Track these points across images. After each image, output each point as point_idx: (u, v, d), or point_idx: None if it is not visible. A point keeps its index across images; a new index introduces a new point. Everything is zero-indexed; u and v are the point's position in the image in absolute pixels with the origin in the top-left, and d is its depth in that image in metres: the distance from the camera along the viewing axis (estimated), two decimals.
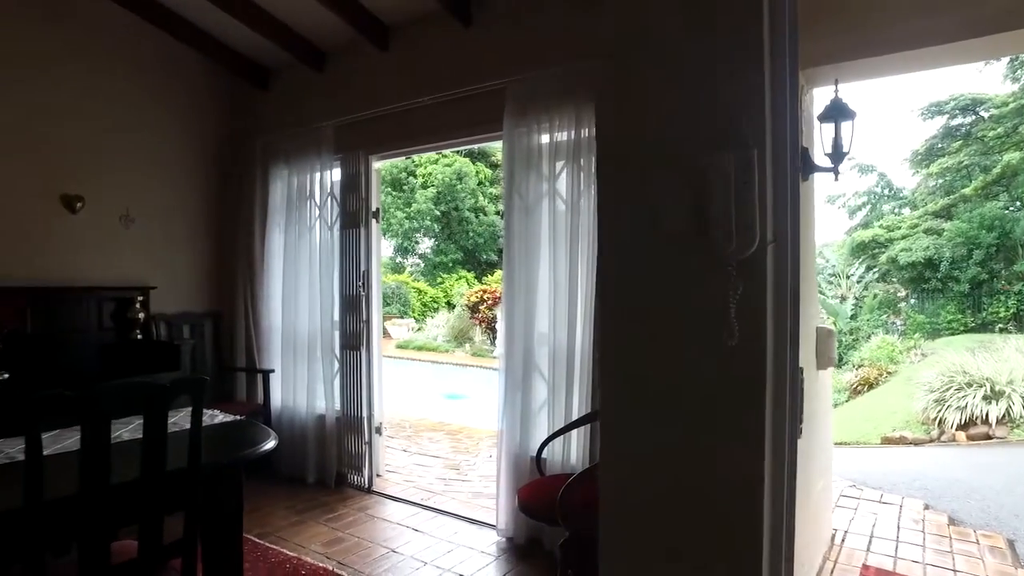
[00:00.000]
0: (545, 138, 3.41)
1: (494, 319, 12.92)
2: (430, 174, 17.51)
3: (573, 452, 3.28)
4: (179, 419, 2.35)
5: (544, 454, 3.08)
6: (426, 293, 16.40)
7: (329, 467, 4.42)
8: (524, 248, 3.45)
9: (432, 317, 15.15)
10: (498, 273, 16.12)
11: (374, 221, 4.34)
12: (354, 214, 4.29)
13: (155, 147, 4.61)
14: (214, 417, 2.64)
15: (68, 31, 4.12)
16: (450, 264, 17.66)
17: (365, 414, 4.31)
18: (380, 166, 4.53)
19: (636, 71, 1.56)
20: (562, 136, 3.34)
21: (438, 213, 17.54)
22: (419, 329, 14.67)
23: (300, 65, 4.57)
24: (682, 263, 1.46)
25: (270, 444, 2.28)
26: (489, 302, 13.20)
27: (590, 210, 3.23)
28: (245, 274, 4.82)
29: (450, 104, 3.90)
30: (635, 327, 1.52)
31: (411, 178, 17.43)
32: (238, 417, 2.75)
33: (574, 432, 3.25)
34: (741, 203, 1.38)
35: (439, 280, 17.28)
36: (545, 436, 3.33)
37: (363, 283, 4.27)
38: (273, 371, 4.66)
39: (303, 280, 4.51)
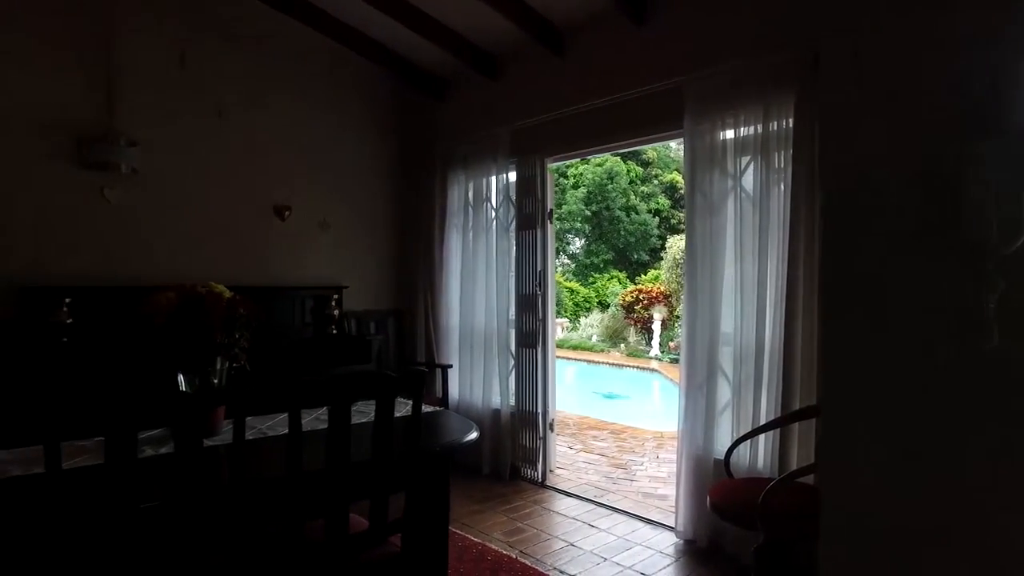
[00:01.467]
0: (729, 134, 3.31)
1: (650, 319, 12.70)
2: (580, 174, 17.58)
3: (761, 455, 3.16)
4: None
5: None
6: (578, 293, 16.48)
7: (503, 460, 4.59)
8: (707, 247, 3.38)
9: (585, 316, 15.19)
10: (652, 272, 15.83)
11: (549, 222, 4.46)
12: (530, 216, 4.44)
13: (347, 159, 5.06)
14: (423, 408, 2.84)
15: (280, 63, 4.65)
16: (601, 264, 17.62)
17: (539, 410, 4.44)
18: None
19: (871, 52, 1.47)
20: (748, 131, 3.23)
21: (589, 213, 17.56)
22: (573, 328, 14.77)
23: (475, 75, 4.80)
24: (925, 259, 1.37)
25: (473, 435, 2.42)
26: (645, 302, 13.00)
27: (781, 206, 3.09)
28: (425, 274, 5.15)
29: (625, 104, 3.91)
30: (867, 329, 1.45)
31: (562, 179, 17.62)
32: (437, 408, 2.95)
33: (761, 435, 3.13)
34: (1003, 194, 1.26)
35: (591, 280, 17.30)
36: (728, 438, 3.24)
37: (539, 283, 4.41)
38: (451, 366, 4.93)
39: (480, 280, 4.73)
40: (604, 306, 15.65)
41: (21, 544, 1.52)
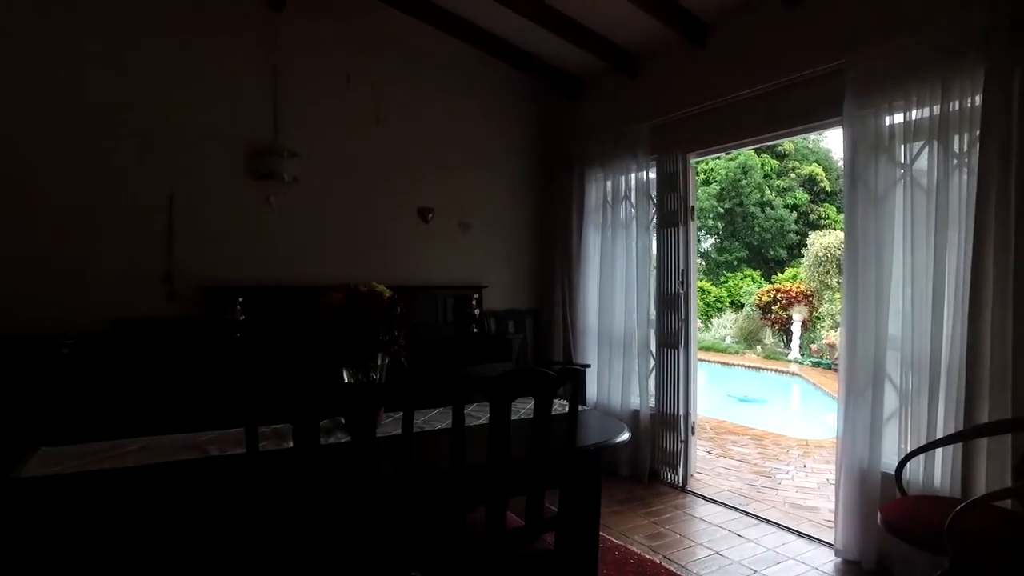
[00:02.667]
0: (898, 117, 3.04)
1: (788, 320, 12.00)
2: (712, 170, 16.93)
3: (938, 472, 2.86)
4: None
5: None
6: (710, 292, 15.89)
7: (642, 462, 4.51)
8: (871, 242, 3.12)
9: (717, 317, 14.62)
10: (790, 270, 14.94)
11: (691, 219, 4.32)
12: (671, 213, 4.33)
13: (487, 161, 5.19)
14: (565, 406, 2.85)
15: (429, 72, 4.86)
16: (734, 263, 16.87)
17: (681, 412, 4.32)
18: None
19: None
20: (922, 112, 2.94)
21: (721, 210, 16.88)
22: (704, 329, 14.27)
23: (613, 72, 4.75)
24: None
25: (624, 436, 2.39)
26: (783, 302, 12.29)
27: (962, 194, 2.79)
28: (563, 273, 5.17)
29: (775, 94, 3.71)
30: None
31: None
32: (584, 408, 2.94)
33: (938, 450, 2.84)
34: None
35: (723, 279, 16.61)
36: (894, 450, 2.99)
37: (681, 282, 4.29)
38: (589, 366, 4.90)
39: (618, 279, 4.68)
40: (738, 306, 14.97)
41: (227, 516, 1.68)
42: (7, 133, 3.55)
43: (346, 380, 2.34)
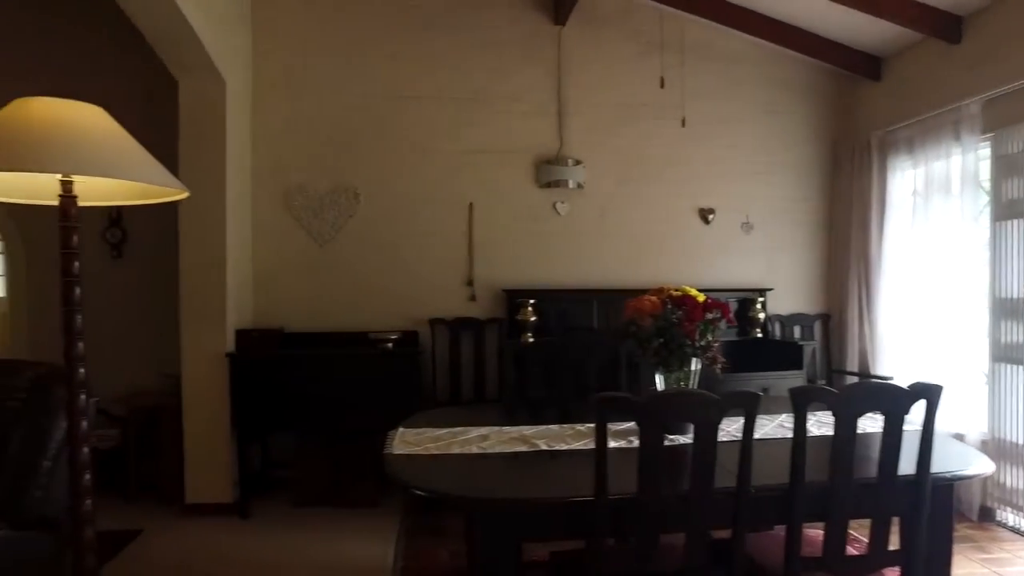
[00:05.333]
0: None
1: None
2: None
3: None
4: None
5: None
6: None
7: (970, 496, 3.85)
8: None
9: None
10: None
11: None
12: (1012, 203, 3.63)
13: (770, 157, 4.88)
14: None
15: (712, 68, 4.74)
16: None
17: None
18: None
19: None
20: None
21: None
22: None
23: (926, 41, 4.14)
24: None
25: (984, 467, 2.04)
26: None
27: None
28: (860, 275, 4.64)
29: None
30: None
31: None
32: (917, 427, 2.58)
33: None
34: None
35: None
36: None
37: None
38: (891, 379, 4.34)
39: (933, 281, 4.06)
40: None
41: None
42: (365, 172, 4.38)
43: (659, 386, 2.35)
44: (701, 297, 2.35)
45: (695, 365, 2.34)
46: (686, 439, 2.16)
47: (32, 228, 4.36)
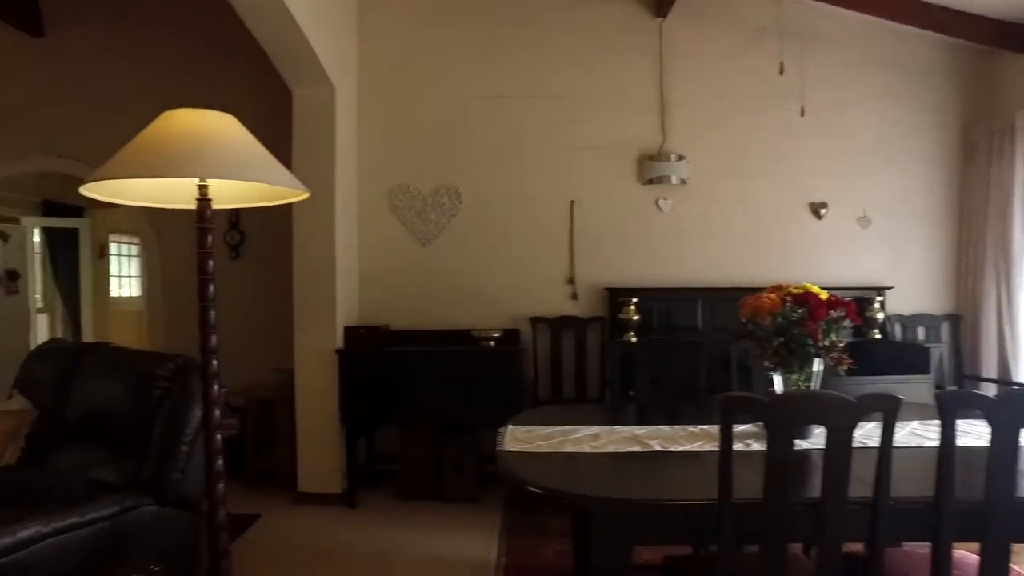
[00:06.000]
0: None
1: None
2: None
3: None
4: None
5: None
6: None
7: None
8: None
9: None
10: None
11: None
12: None
13: (888, 144, 4.55)
14: None
15: (825, 52, 4.48)
16: None
17: None
18: None
19: None
20: None
21: None
22: None
23: None
24: None
25: None
26: None
27: None
28: (999, 272, 4.25)
29: None
30: None
31: None
32: None
33: None
34: None
35: None
36: None
37: None
38: None
39: None
40: None
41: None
42: (467, 172, 4.47)
43: (778, 388, 2.23)
44: (824, 295, 2.21)
45: (817, 366, 2.21)
46: (810, 444, 2.05)
47: (164, 231, 4.72)
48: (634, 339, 4.05)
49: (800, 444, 2.06)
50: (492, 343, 4.03)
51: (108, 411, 2.73)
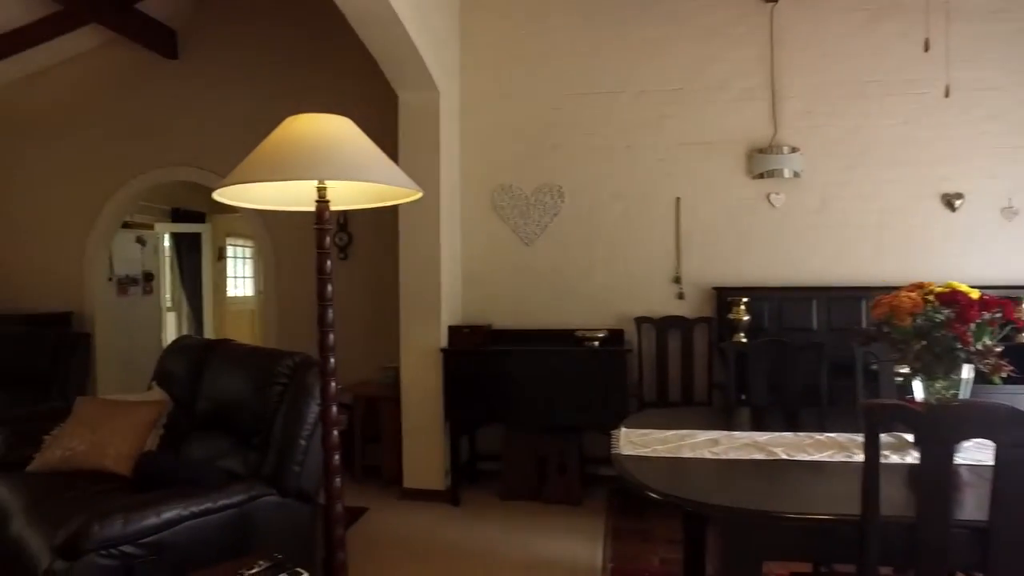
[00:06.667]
0: None
1: None
2: None
3: None
4: None
5: None
6: None
7: None
8: None
9: None
10: None
11: None
12: None
13: None
14: None
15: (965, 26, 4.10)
16: None
17: None
18: None
19: None
20: None
21: None
22: None
23: None
24: None
25: None
26: None
27: None
28: None
29: None
30: None
31: None
32: None
33: None
34: None
35: None
36: None
37: None
38: None
39: None
40: None
41: None
42: (569, 171, 4.44)
43: (918, 395, 2.04)
44: (975, 293, 2.00)
45: (966, 372, 2.00)
46: (961, 459, 1.85)
47: (278, 235, 4.97)
48: (744, 340, 3.86)
49: None
50: (597, 343, 3.96)
51: (232, 404, 2.89)
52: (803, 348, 2.79)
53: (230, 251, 8.80)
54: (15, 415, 3.71)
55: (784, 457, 1.95)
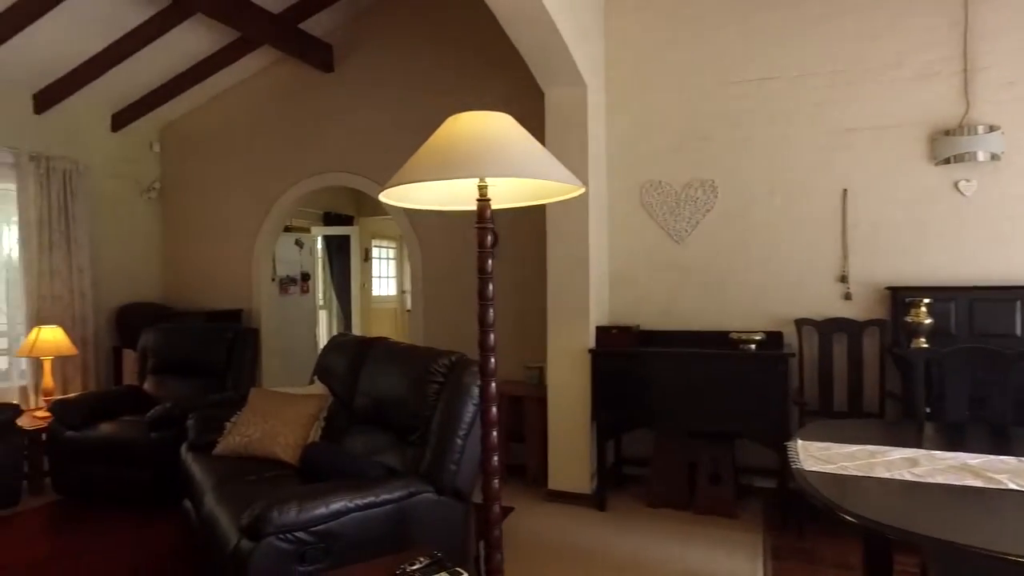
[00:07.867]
0: None
1: None
2: None
3: None
4: None
5: None
6: None
7: None
8: None
9: None
10: None
11: None
12: None
13: None
14: None
15: None
16: None
17: None
18: None
19: None
20: None
21: None
22: None
23: None
24: None
25: None
26: None
27: None
28: None
29: None
30: None
31: None
32: None
33: None
34: None
35: None
36: None
37: None
38: None
39: None
40: None
41: None
42: (722, 164, 4.21)
43: None
44: None
45: None
46: None
47: (424, 236, 5.11)
48: (925, 345, 3.44)
49: None
50: (754, 346, 3.70)
51: (389, 401, 2.98)
52: (1018, 356, 2.41)
53: (375, 252, 9.27)
54: (206, 403, 4.11)
55: (1012, 487, 1.67)
